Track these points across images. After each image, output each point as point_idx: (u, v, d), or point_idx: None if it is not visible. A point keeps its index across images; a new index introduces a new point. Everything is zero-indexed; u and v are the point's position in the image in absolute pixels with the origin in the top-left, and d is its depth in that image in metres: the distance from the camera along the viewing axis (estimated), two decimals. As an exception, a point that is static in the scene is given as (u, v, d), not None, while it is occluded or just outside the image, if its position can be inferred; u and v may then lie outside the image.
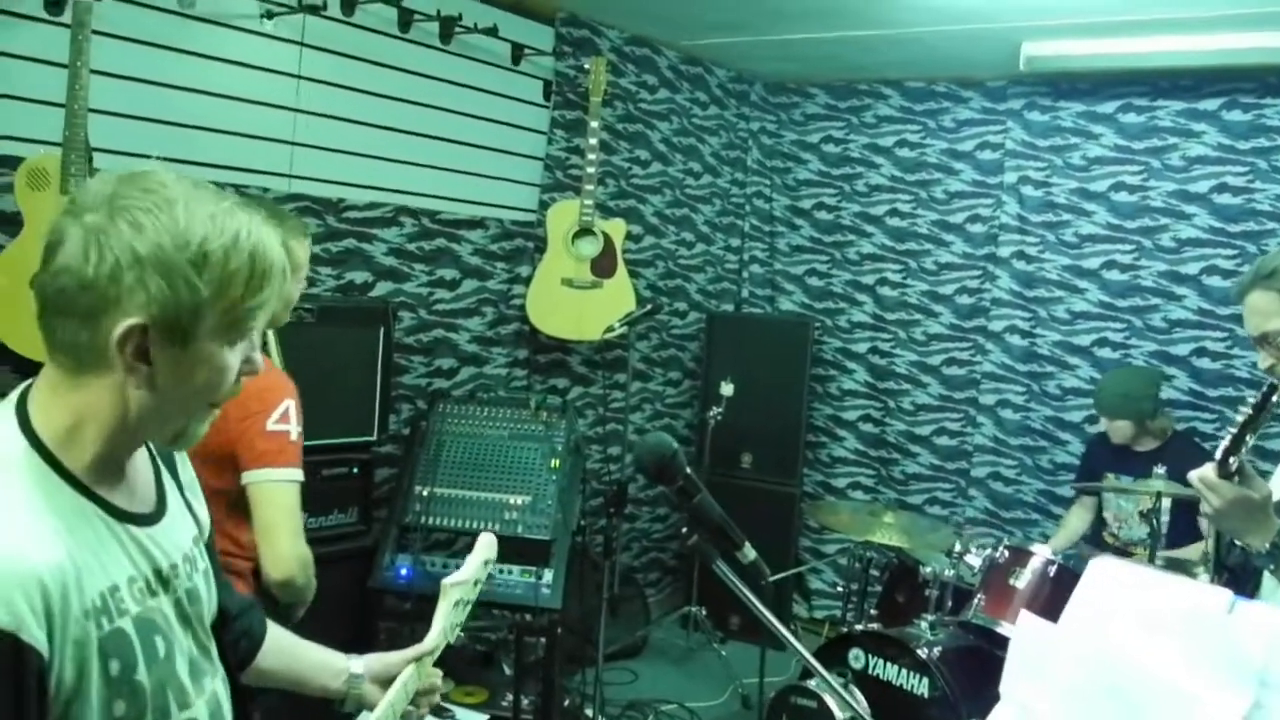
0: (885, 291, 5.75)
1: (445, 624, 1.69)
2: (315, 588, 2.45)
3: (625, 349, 4.88)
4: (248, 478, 2.37)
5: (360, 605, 3.72)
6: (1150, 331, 4.91)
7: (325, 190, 4.05)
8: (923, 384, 5.63)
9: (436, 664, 1.72)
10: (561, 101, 4.86)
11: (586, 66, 4.72)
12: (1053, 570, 3.83)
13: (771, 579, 1.78)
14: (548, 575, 3.72)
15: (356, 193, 4.15)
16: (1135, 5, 3.94)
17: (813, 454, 5.93)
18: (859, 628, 3.95)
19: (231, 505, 2.38)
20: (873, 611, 4.30)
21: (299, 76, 3.93)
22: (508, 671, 4.35)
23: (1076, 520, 4.61)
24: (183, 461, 1.43)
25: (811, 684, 3.66)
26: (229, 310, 1.16)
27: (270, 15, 3.79)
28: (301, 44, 3.92)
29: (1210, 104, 4.71)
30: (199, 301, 1.13)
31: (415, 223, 4.37)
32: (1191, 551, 3.94)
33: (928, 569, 3.98)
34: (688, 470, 1.61)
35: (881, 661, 3.72)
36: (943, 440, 5.57)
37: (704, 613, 5.27)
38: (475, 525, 3.71)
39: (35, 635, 1.03)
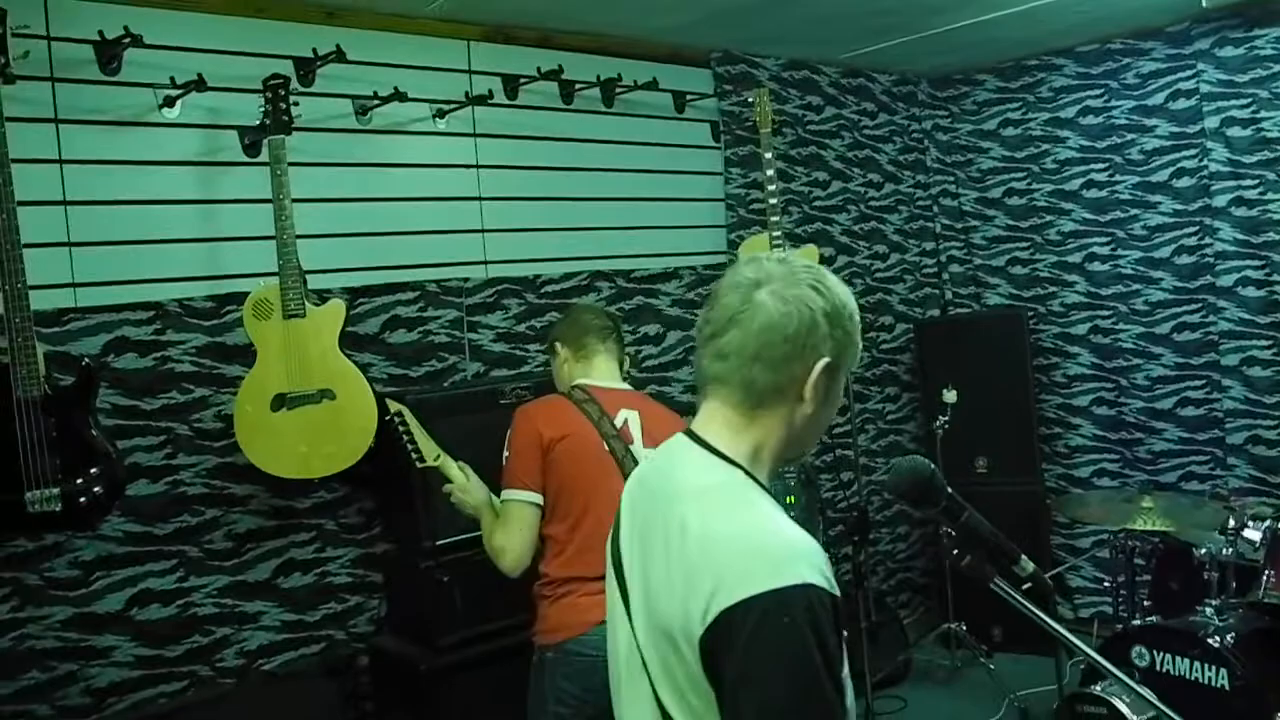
0: (1096, 267, 5.46)
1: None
2: None
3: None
4: None
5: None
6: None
7: (520, 270, 4.17)
8: (1154, 355, 5.29)
9: None
10: (731, 139, 4.87)
11: (750, 100, 4.71)
12: (1348, 533, 3.50)
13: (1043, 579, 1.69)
14: (801, 612, 3.66)
15: (550, 267, 4.25)
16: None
17: (1049, 447, 5.67)
18: (1136, 623, 3.72)
19: None
20: (1146, 604, 4.04)
21: (477, 166, 4.07)
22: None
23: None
24: None
25: (1097, 689, 3.46)
26: (855, 349, 1.54)
27: (442, 114, 3.94)
28: (475, 135, 4.06)
29: None
30: (850, 343, 1.52)
31: (611, 285, 4.44)
32: None
33: (1202, 550, 3.70)
34: (949, 489, 1.55)
35: (1169, 656, 3.49)
36: (1188, 411, 5.22)
37: (964, 628, 5.08)
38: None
39: (837, 593, 1.36)
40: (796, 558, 1.34)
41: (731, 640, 1.29)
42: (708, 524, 1.40)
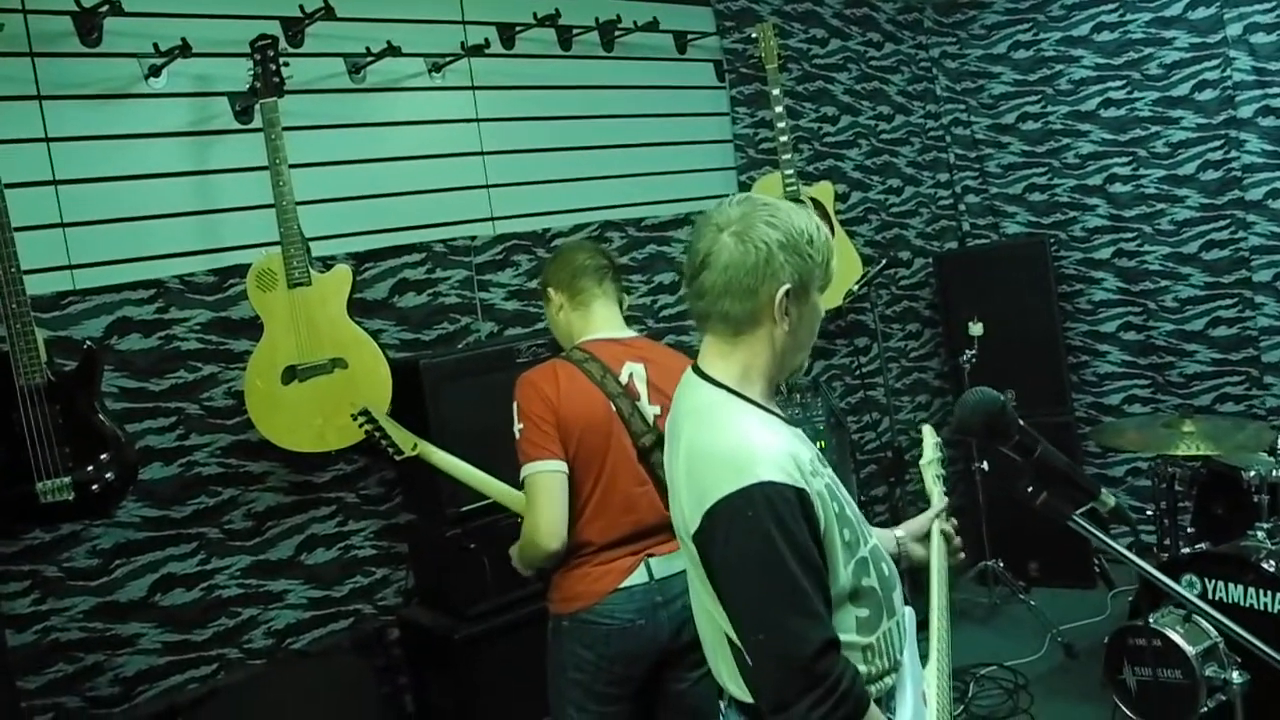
0: (1117, 188, 5.31)
1: (939, 489, 2.29)
2: None
3: (861, 312, 4.68)
4: None
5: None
6: None
7: (529, 225, 4.05)
8: (1182, 276, 5.16)
9: None
10: (736, 78, 4.72)
11: (754, 36, 4.57)
12: (1400, 447, 3.38)
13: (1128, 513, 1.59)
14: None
15: (559, 220, 4.13)
16: None
17: (1077, 376, 5.56)
18: (1185, 551, 3.62)
19: None
20: (1189, 531, 3.93)
21: (478, 120, 3.94)
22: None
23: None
24: None
25: (1150, 621, 3.36)
26: (824, 271, 1.72)
27: (437, 67, 3.81)
28: (473, 88, 3.93)
29: None
30: (814, 267, 1.69)
31: (622, 234, 4.33)
32: None
33: (1250, 473, 3.58)
34: (1021, 422, 1.44)
35: (1221, 583, 3.38)
36: (1220, 331, 5.10)
37: (1001, 565, 4.99)
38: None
39: (807, 484, 1.57)
40: (757, 460, 1.56)
41: (713, 537, 1.57)
42: (692, 441, 1.67)
